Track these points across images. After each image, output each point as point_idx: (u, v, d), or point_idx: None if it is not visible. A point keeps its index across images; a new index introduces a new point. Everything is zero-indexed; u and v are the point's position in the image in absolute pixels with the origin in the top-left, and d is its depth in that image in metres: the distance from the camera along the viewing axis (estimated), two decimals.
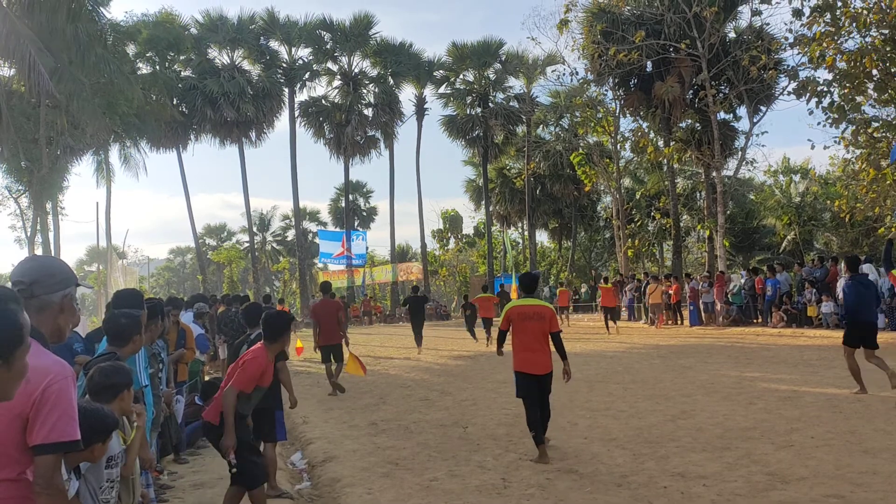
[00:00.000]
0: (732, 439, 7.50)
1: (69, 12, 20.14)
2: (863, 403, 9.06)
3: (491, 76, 47.51)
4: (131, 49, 37.05)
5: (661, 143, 34.45)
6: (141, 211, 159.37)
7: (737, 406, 9.33)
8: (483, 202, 50.42)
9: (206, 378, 12.25)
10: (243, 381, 5.48)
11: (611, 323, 24.37)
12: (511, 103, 47.27)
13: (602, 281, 29.40)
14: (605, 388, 11.49)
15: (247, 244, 59.74)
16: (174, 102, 41.81)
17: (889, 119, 23.52)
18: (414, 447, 8.02)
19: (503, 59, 46.80)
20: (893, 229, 26.21)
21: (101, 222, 39.69)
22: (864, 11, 22.32)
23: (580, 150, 40.69)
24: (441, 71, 47.84)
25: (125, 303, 5.71)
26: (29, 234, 32.28)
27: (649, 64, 32.27)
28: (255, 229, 61.39)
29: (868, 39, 22.69)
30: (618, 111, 35.78)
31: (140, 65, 39.81)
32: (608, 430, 8.30)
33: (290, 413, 10.91)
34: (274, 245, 72.90)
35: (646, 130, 34.83)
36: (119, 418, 3.76)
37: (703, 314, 25.07)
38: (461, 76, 48.09)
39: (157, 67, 40.77)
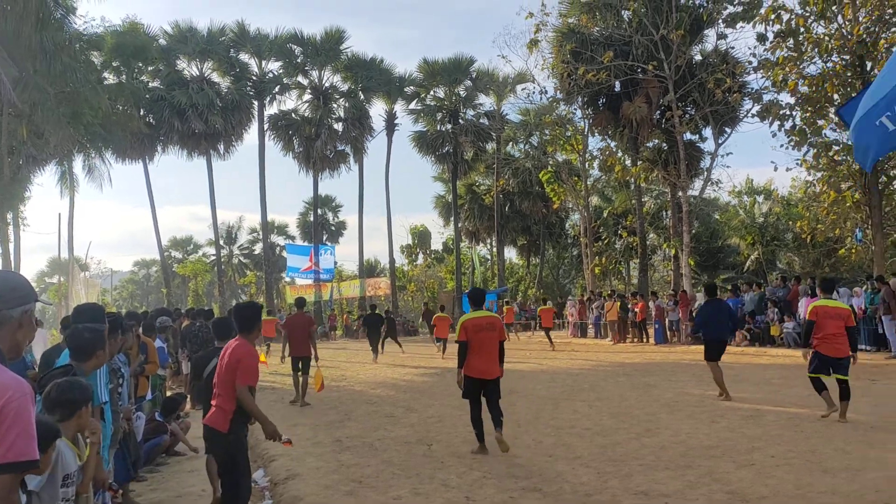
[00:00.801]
0: (695, 457, 7.56)
1: (38, 20, 19.84)
2: (823, 423, 9.18)
3: (461, 93, 47.70)
4: (97, 58, 36.62)
5: (628, 162, 34.85)
6: (105, 222, 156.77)
7: (700, 424, 9.41)
8: (452, 218, 50.51)
9: (168, 393, 12.07)
10: (248, 375, 5.43)
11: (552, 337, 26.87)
12: (481, 120, 47.47)
13: (542, 303, 32.06)
14: (570, 406, 11.52)
15: (213, 257, 59.14)
16: (141, 113, 41.35)
17: (849, 143, 24.04)
18: (378, 465, 7.95)
19: (474, 76, 47.04)
20: (853, 251, 26.78)
21: (63, 234, 39.08)
22: (826, 38, 22.90)
23: (549, 168, 41.03)
24: (412, 87, 47.94)
25: (86, 317, 5.62)
26: None
27: (617, 84, 32.67)
28: (221, 242, 60.74)
29: (829, 65, 23.25)
30: (586, 130, 36.19)
31: (107, 74, 39.37)
32: (573, 448, 8.32)
33: (253, 430, 10.81)
34: (241, 258, 72.27)
35: (614, 149, 35.25)
36: (76, 435, 3.69)
37: (668, 332, 25.32)
38: (432, 92, 48.20)
39: (124, 77, 40.34)
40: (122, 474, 5.99)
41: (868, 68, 22.34)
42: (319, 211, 55.83)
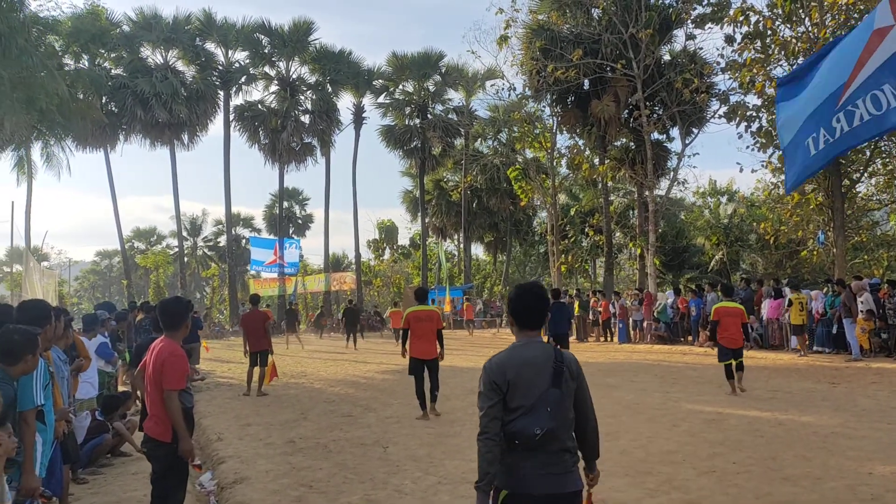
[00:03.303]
0: (655, 463, 7.40)
1: None
2: (784, 427, 9.10)
3: (430, 88, 47.45)
4: (56, 43, 35.65)
5: (596, 160, 34.83)
6: (67, 211, 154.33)
7: (661, 428, 9.27)
8: (419, 214, 50.25)
9: (122, 388, 11.66)
10: (175, 379, 5.04)
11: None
12: (450, 115, 47.29)
13: (392, 305, 35.65)
14: None
15: (177, 249, 58.23)
16: (103, 101, 40.45)
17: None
18: (331, 468, 7.69)
19: (443, 71, 46.81)
20: (815, 253, 27.00)
21: (17, 222, 38.09)
22: (794, 40, 23.00)
23: (517, 165, 40.89)
24: (380, 80, 47.57)
25: (29, 315, 5.30)
26: None
27: (586, 82, 32.62)
28: (185, 234, 59.91)
29: (796, 67, 23.35)
30: (555, 127, 36.06)
31: (68, 60, 38.43)
32: None
33: (205, 429, 10.48)
34: (205, 250, 71.33)
35: (581, 148, 35.21)
36: None
37: (631, 332, 25.31)
38: (400, 86, 47.90)
39: (86, 63, 39.41)
40: (55, 486, 5.62)
41: None
42: (286, 204, 55.34)
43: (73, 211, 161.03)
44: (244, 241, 61.70)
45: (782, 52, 23.25)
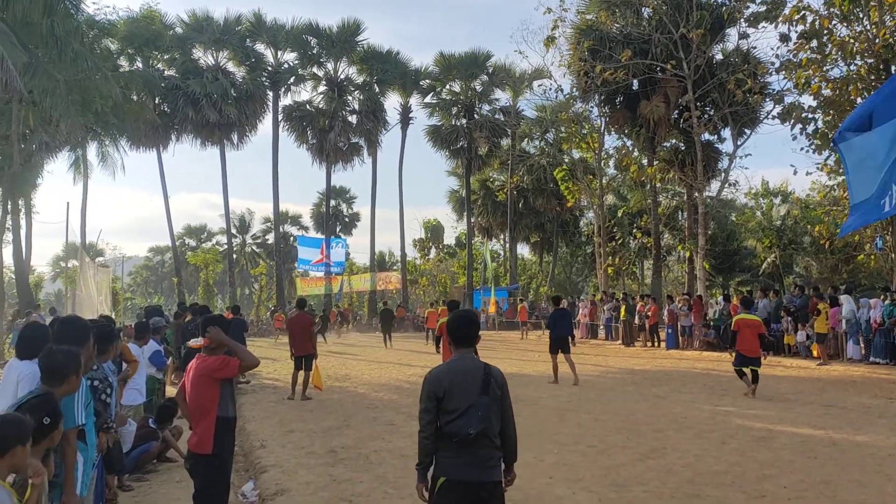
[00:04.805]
0: (703, 485, 7.18)
1: (45, 6, 19.66)
2: (838, 448, 8.79)
3: (477, 88, 47.35)
4: (112, 46, 36.49)
5: (644, 161, 34.34)
6: (120, 209, 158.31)
7: (709, 445, 9.03)
8: (465, 213, 50.19)
9: (170, 388, 11.82)
10: (230, 370, 5.30)
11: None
12: (496, 116, 47.14)
13: (429, 306, 35.13)
14: (575, 419, 11.16)
15: (226, 246, 59.17)
16: (156, 101, 41.28)
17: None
18: (371, 481, 7.64)
19: (490, 71, 46.69)
20: (873, 257, 26.21)
21: (72, 221, 39.12)
22: (851, 40, 22.33)
23: (564, 166, 40.54)
24: (427, 80, 47.66)
25: (69, 332, 5.30)
26: None
27: (635, 83, 32.14)
28: (234, 231, 60.78)
29: (853, 68, 22.68)
30: (603, 128, 35.67)
31: (122, 62, 39.32)
32: (575, 469, 7.96)
33: (248, 435, 10.55)
34: (254, 248, 72.34)
35: (630, 149, 34.72)
36: (9, 475, 3.38)
37: (679, 337, 24.85)
38: (447, 86, 47.90)
39: (140, 65, 40.24)
40: (95, 501, 5.67)
41: (893, 71, 21.76)
42: (333, 202, 55.78)
43: (127, 208, 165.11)
44: (292, 238, 62.44)
45: (839, 53, 22.59)
